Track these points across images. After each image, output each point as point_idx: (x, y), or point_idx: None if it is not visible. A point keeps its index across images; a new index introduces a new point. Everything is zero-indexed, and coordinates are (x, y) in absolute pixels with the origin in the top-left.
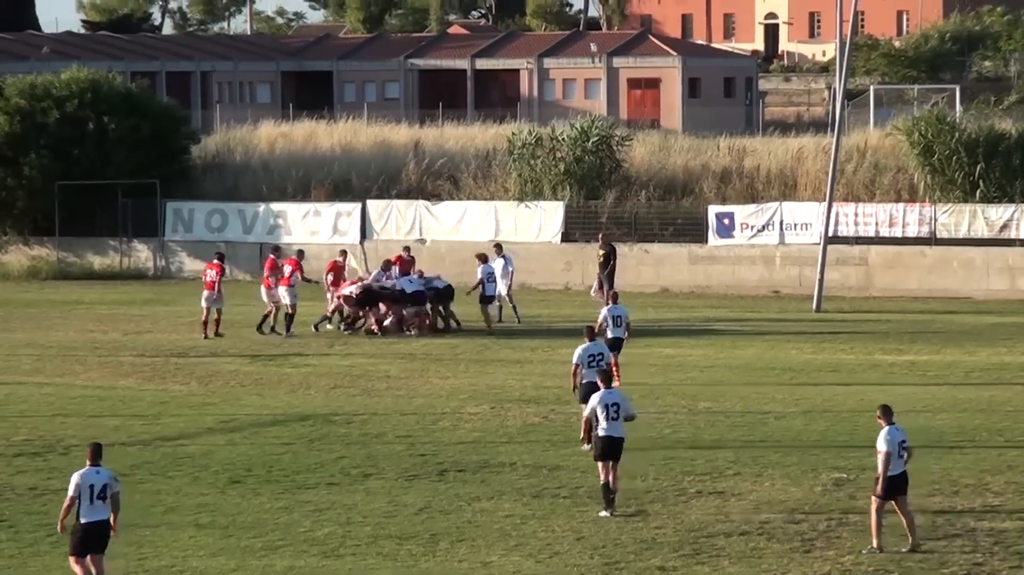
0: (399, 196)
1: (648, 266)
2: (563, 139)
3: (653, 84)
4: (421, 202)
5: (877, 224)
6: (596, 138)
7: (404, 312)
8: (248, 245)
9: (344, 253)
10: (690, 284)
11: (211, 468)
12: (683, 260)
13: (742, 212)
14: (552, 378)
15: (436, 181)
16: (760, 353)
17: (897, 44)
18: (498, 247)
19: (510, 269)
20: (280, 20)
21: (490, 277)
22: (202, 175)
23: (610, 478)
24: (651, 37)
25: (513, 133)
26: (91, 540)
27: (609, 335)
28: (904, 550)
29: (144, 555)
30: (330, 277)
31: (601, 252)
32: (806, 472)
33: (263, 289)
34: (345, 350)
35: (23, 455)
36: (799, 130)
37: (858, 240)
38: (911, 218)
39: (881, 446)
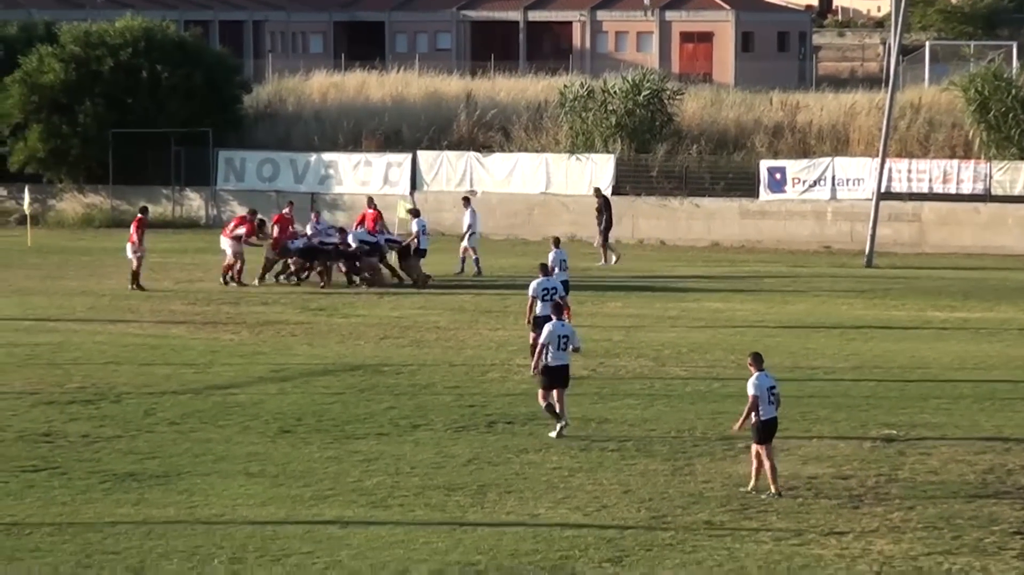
0: (450, 147)
1: (698, 220)
2: (615, 92)
3: (706, 38)
4: (472, 153)
5: (931, 180)
6: (648, 91)
7: (358, 264)
8: (299, 195)
9: (291, 204)
10: (740, 239)
11: (261, 417)
12: (734, 214)
13: (794, 167)
14: (600, 331)
15: (487, 133)
16: (810, 308)
17: (953, 0)
18: (466, 199)
19: (470, 222)
20: None
21: (424, 230)
22: (254, 124)
23: (554, 401)
24: None
25: (565, 85)
26: None
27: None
28: (764, 496)
29: (194, 504)
30: (276, 229)
31: (596, 205)
32: (855, 428)
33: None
34: (395, 301)
35: (76, 402)
36: (852, 85)
37: (911, 196)
38: (965, 175)
39: (750, 390)
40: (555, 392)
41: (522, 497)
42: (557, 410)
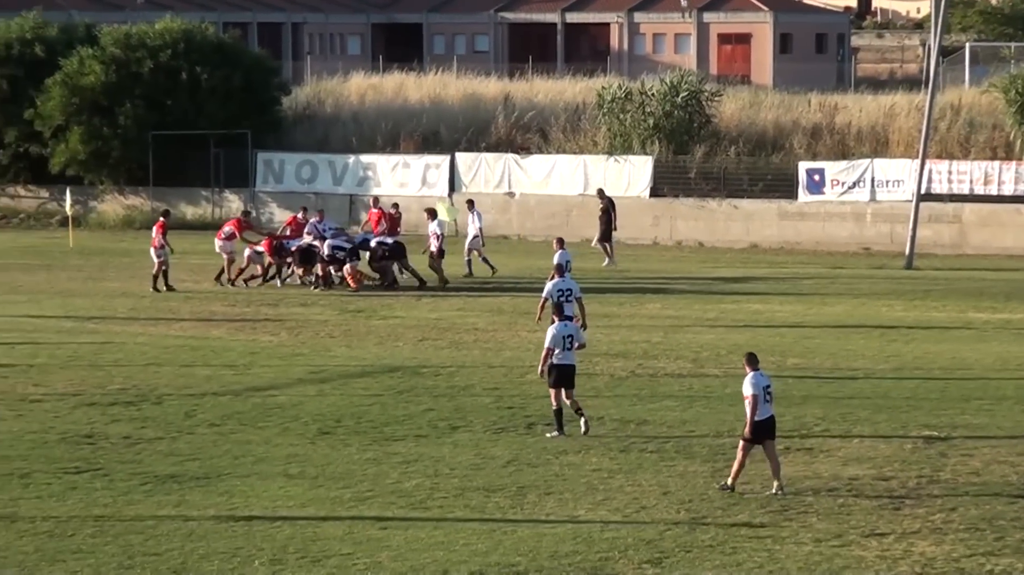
0: (488, 149)
1: (737, 222)
2: (653, 94)
3: (744, 39)
4: (510, 155)
5: (971, 182)
6: (686, 93)
7: (346, 268)
8: (338, 196)
9: (304, 208)
10: (779, 240)
11: (301, 419)
12: (772, 216)
13: (833, 168)
14: (639, 332)
15: (525, 134)
16: (850, 310)
17: (993, 1)
18: (470, 202)
19: (479, 224)
20: None
21: (443, 233)
22: (292, 126)
23: (563, 402)
24: None
25: (603, 87)
26: None
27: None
28: (768, 493)
29: (235, 505)
30: (287, 232)
31: (600, 206)
32: (896, 429)
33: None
34: (433, 303)
35: (117, 404)
36: (891, 87)
37: (952, 198)
38: (1007, 176)
39: (747, 390)
40: (563, 392)
41: (562, 498)
42: (568, 411)
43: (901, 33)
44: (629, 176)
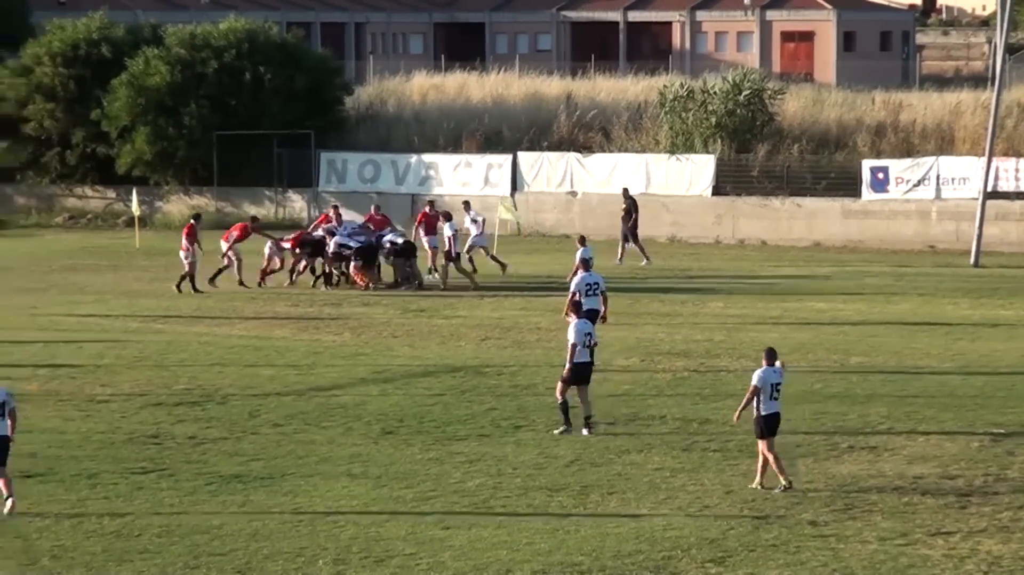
0: (550, 148)
1: (800, 220)
2: (715, 92)
3: (807, 37)
4: (572, 154)
5: None
6: (748, 91)
7: (352, 266)
8: (400, 196)
9: (335, 207)
10: (843, 238)
11: (364, 418)
12: (836, 214)
13: (897, 166)
14: (702, 331)
15: (587, 133)
16: (915, 308)
17: None
18: (466, 204)
19: (481, 225)
20: None
21: (456, 235)
22: (355, 126)
23: (567, 398)
24: None
25: (665, 86)
26: None
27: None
28: (751, 487)
29: (299, 505)
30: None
31: (623, 206)
32: (962, 428)
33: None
34: (495, 302)
35: (183, 404)
36: (957, 84)
37: (1018, 195)
38: None
39: (753, 380)
40: (578, 389)
41: (624, 498)
42: (583, 412)
43: (966, 31)
44: (691, 175)
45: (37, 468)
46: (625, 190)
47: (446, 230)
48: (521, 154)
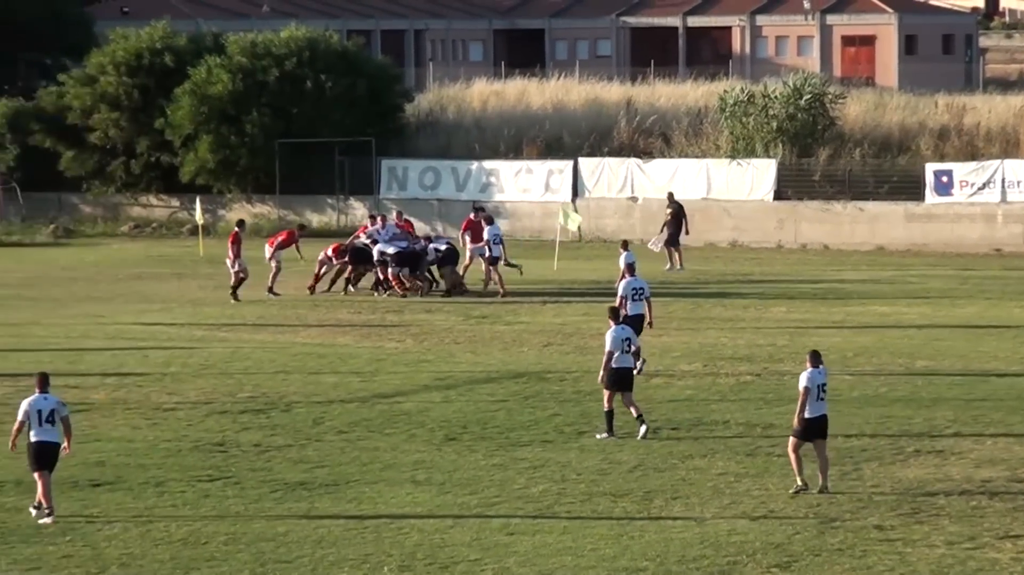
0: (611, 154)
1: (862, 224)
2: (775, 96)
3: (868, 41)
4: (632, 160)
5: None
6: (809, 95)
7: (390, 272)
8: (461, 203)
9: (373, 217)
10: (906, 242)
11: (427, 425)
12: (899, 218)
13: (961, 170)
14: (764, 335)
15: (647, 139)
16: (981, 311)
17: None
18: (484, 214)
19: (495, 232)
20: None
21: (496, 239)
22: (416, 133)
23: (612, 405)
24: None
25: (725, 91)
26: (43, 456)
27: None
28: (814, 491)
29: (363, 512)
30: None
31: (669, 210)
32: None
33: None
34: (557, 308)
35: (248, 412)
36: (1021, 87)
37: None
38: None
39: (801, 382)
40: (622, 395)
41: (688, 503)
42: (634, 414)
43: None
44: (752, 179)
45: (105, 476)
46: (670, 195)
47: (486, 234)
48: (582, 160)
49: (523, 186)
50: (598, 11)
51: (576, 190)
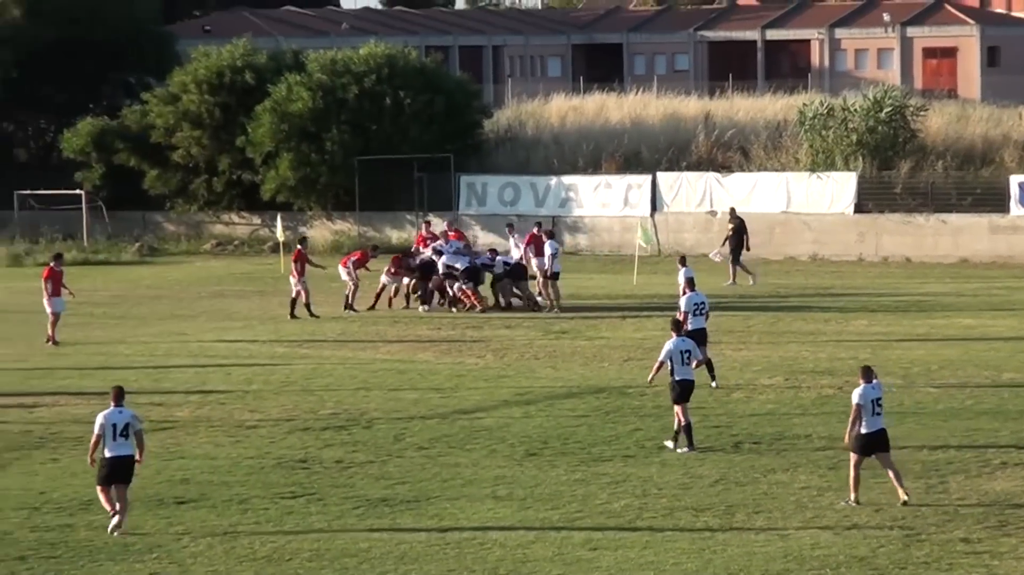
0: (689, 168)
1: (945, 236)
2: (856, 109)
3: (949, 53)
4: (711, 174)
5: None
6: (890, 108)
7: (456, 287)
8: (540, 218)
9: (427, 223)
10: (990, 255)
11: (507, 441)
12: (983, 230)
13: None
14: (846, 349)
15: (726, 152)
16: None
17: None
18: (510, 226)
19: (554, 249)
20: None
21: (556, 253)
22: (494, 149)
23: (684, 417)
24: (947, 6)
25: (804, 104)
26: (116, 472)
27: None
28: (898, 504)
29: (445, 527)
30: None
31: (730, 225)
32: None
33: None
34: (637, 323)
35: (329, 428)
36: None
37: None
38: None
39: (854, 398)
40: (680, 407)
41: (771, 517)
42: (689, 430)
43: None
44: (832, 193)
45: (190, 494)
46: (732, 210)
47: (547, 248)
48: (660, 174)
49: (602, 201)
50: (676, 25)
51: (655, 204)
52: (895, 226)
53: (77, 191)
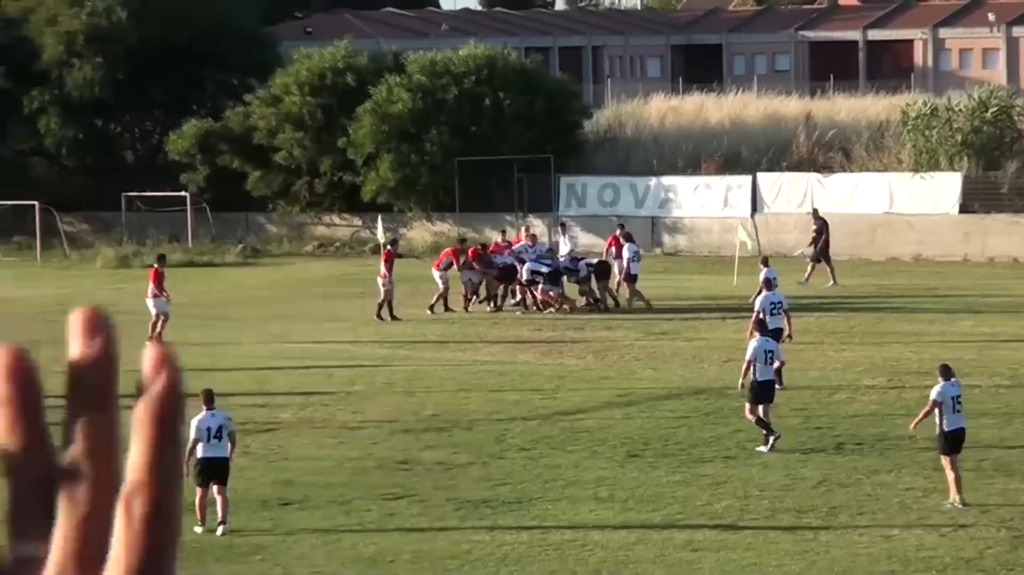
0: (789, 168)
1: None
2: (960, 109)
3: None
4: (812, 174)
5: None
6: (995, 108)
7: (539, 290)
8: (640, 219)
9: (503, 232)
10: None
11: (609, 442)
12: None
13: None
14: (951, 349)
15: (827, 153)
16: None
17: None
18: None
19: (570, 246)
20: None
21: (635, 256)
22: (594, 149)
23: (761, 414)
24: None
25: (907, 104)
26: (212, 472)
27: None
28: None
29: (547, 529)
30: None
31: (814, 227)
32: None
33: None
34: (737, 324)
35: (430, 430)
36: None
37: None
38: None
39: (932, 395)
40: (762, 407)
41: (875, 518)
42: (768, 427)
43: None
44: (936, 193)
45: (294, 495)
46: (815, 210)
47: (625, 251)
48: (760, 175)
49: (701, 202)
50: (776, 26)
51: (755, 205)
52: (1002, 226)
53: (182, 193)
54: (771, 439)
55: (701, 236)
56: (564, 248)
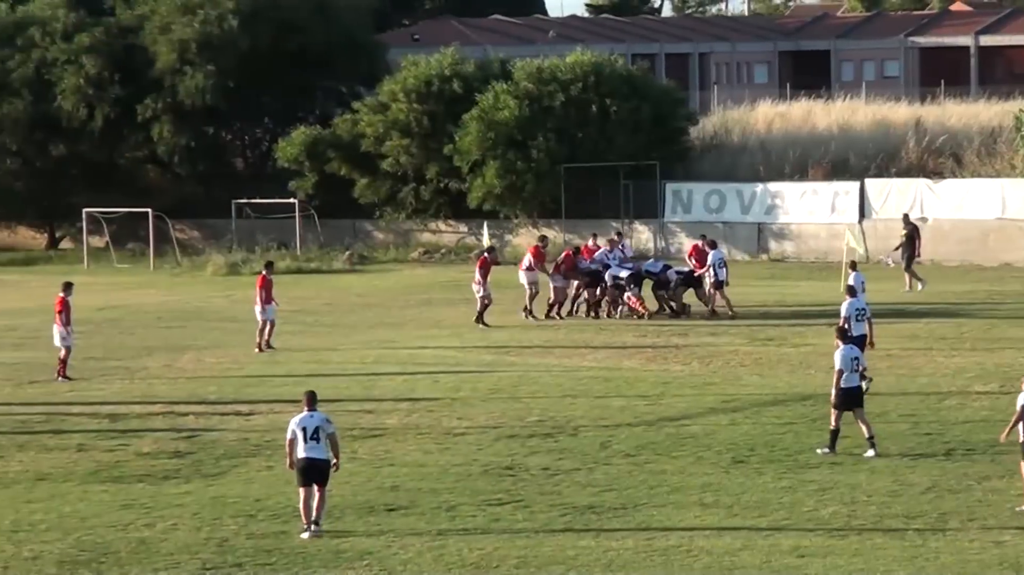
0: (898, 174)
1: None
2: None
3: None
4: (922, 180)
5: None
6: None
7: (626, 296)
8: (746, 225)
9: (595, 235)
10: None
11: (714, 448)
12: None
13: None
14: (1001, 355)
15: (937, 159)
16: None
17: None
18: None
19: (718, 259)
20: (777, 0)
21: (720, 263)
22: (700, 156)
23: (839, 424)
24: None
25: (1020, 109)
26: (310, 473)
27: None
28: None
29: (652, 535)
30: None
31: (903, 232)
32: None
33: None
34: None
35: (536, 436)
36: None
37: None
38: None
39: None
40: (853, 413)
41: (985, 525)
42: (865, 433)
43: None
44: None
45: (400, 501)
46: (905, 216)
47: (711, 258)
48: (868, 181)
49: (808, 208)
50: (886, 32)
51: (863, 211)
52: None
53: (291, 200)
54: (828, 449)
55: (808, 242)
56: (709, 259)
